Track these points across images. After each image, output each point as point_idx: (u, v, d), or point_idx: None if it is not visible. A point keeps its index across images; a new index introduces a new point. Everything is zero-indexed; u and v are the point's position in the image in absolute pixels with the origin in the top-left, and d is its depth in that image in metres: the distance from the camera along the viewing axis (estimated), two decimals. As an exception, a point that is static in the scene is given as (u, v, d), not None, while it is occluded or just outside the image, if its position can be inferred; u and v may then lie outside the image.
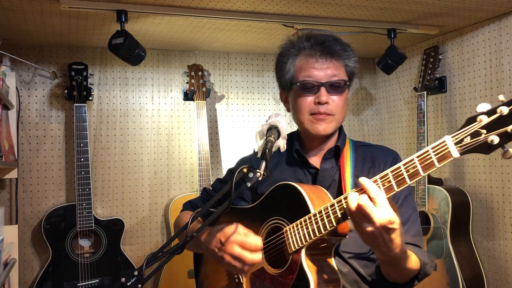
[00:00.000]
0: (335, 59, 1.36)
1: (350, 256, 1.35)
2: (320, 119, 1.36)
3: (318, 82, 1.34)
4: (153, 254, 1.10)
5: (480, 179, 2.58)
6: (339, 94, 1.36)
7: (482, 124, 0.93)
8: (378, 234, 1.03)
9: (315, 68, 1.35)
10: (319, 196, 1.27)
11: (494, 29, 2.48)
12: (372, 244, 1.10)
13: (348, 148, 1.46)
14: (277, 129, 1.25)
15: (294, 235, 1.22)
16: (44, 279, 2.46)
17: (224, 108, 3.11)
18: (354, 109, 3.43)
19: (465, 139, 0.96)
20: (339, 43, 1.38)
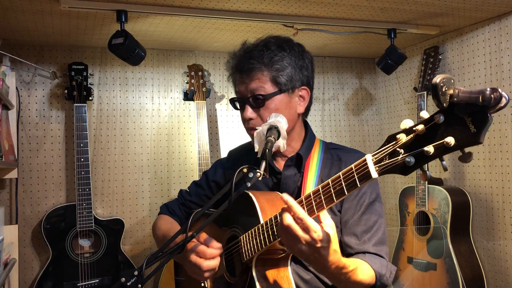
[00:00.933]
0: (253, 74, 1.35)
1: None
2: (250, 134, 1.39)
3: (242, 98, 1.39)
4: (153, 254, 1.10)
5: (480, 179, 2.58)
6: (262, 107, 1.35)
7: (400, 144, 0.86)
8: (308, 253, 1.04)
9: (240, 84, 1.41)
10: (274, 204, 1.27)
11: (494, 29, 2.48)
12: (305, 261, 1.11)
13: (317, 151, 1.44)
14: (277, 129, 1.25)
15: (247, 244, 1.24)
16: (44, 279, 2.46)
17: (224, 108, 3.11)
18: (354, 109, 3.43)
19: (384, 158, 0.89)
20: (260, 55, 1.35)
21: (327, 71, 3.37)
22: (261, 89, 1.35)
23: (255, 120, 1.37)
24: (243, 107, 1.40)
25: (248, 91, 1.37)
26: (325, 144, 1.48)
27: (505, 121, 2.42)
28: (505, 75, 2.42)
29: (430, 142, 0.82)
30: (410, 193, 2.74)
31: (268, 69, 1.35)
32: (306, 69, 1.41)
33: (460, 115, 0.78)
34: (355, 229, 1.31)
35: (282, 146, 1.24)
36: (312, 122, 3.30)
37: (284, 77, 1.36)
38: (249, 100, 1.37)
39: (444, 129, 0.80)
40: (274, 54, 1.36)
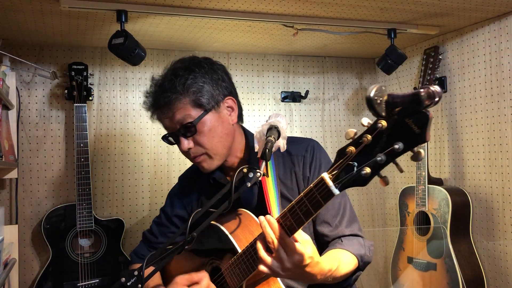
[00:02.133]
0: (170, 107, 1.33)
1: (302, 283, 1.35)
2: (197, 162, 1.39)
3: (172, 133, 1.38)
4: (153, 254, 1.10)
5: (480, 179, 2.58)
6: (195, 133, 1.34)
7: (351, 157, 0.87)
8: (293, 274, 1.04)
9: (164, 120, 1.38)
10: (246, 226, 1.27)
11: (494, 29, 2.48)
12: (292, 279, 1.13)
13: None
14: (277, 129, 1.25)
15: (231, 275, 1.25)
16: (44, 279, 2.46)
17: (224, 108, 3.10)
18: (354, 109, 3.43)
19: (341, 174, 0.90)
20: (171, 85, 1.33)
21: (327, 71, 3.37)
22: (187, 117, 1.33)
23: (194, 148, 1.36)
24: (177, 140, 1.38)
25: (176, 123, 1.35)
26: None
27: (505, 121, 2.42)
28: (505, 75, 2.42)
29: (380, 150, 0.83)
30: (410, 193, 2.74)
31: (184, 95, 1.33)
32: (223, 80, 1.41)
33: (401, 119, 0.79)
34: (324, 216, 1.33)
35: (282, 146, 1.24)
36: (312, 122, 3.30)
37: (205, 97, 1.34)
38: (180, 131, 1.35)
39: (389, 134, 0.81)
40: (185, 79, 1.34)
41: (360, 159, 0.86)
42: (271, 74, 3.22)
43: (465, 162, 2.67)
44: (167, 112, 1.34)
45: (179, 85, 1.32)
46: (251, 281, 1.23)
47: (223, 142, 1.39)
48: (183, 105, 1.33)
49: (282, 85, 3.25)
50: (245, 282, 1.22)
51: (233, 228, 1.27)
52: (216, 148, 1.38)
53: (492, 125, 2.50)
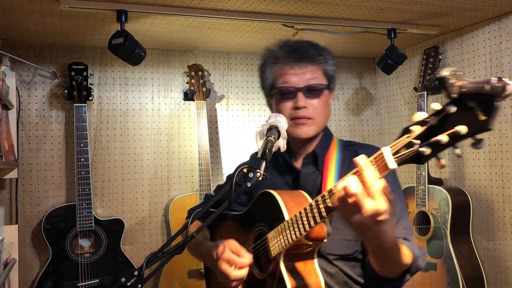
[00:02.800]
0: (311, 64, 1.39)
1: (336, 258, 1.36)
2: (301, 123, 1.39)
3: (295, 88, 1.38)
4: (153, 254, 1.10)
5: (480, 179, 2.58)
6: (317, 97, 1.39)
7: (415, 135, 0.90)
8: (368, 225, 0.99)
9: (291, 74, 1.39)
10: (298, 201, 1.29)
11: (494, 29, 2.48)
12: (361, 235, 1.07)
13: (335, 149, 1.46)
14: (277, 129, 1.25)
15: (274, 240, 1.27)
16: (44, 279, 2.46)
17: (224, 108, 3.11)
18: (354, 109, 3.43)
19: (402, 149, 0.93)
20: (314, 48, 1.41)
21: (327, 71, 3.36)
22: (317, 79, 1.39)
23: (307, 110, 1.38)
24: (292, 96, 1.39)
25: (303, 81, 1.38)
26: (343, 143, 1.51)
27: (505, 121, 2.42)
28: (505, 75, 2.42)
29: (443, 131, 0.86)
30: (410, 193, 2.74)
31: (324, 63, 1.40)
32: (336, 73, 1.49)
33: (469, 105, 0.82)
34: None
35: (282, 146, 1.24)
36: (312, 122, 3.30)
37: (333, 75, 1.43)
38: (303, 89, 1.38)
39: (455, 119, 0.84)
40: (327, 52, 1.42)
41: (422, 138, 0.90)
42: (271, 74, 3.22)
43: (465, 162, 2.67)
44: (304, 65, 1.38)
45: (323, 52, 1.41)
46: (290, 253, 1.25)
47: (325, 119, 1.45)
48: (319, 69, 1.40)
49: (282, 85, 3.25)
50: (284, 251, 1.24)
51: (286, 199, 1.29)
52: (322, 121, 1.43)
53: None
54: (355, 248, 1.37)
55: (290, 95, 1.39)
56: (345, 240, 1.35)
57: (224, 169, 3.06)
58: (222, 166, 3.06)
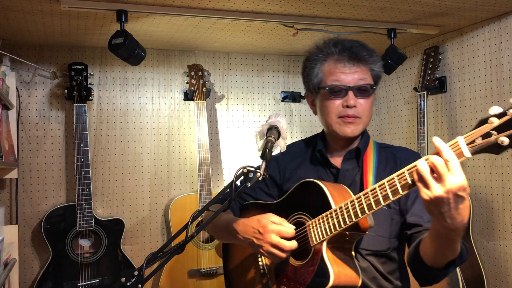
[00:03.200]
0: (362, 64, 1.41)
1: (369, 253, 1.38)
2: (349, 122, 1.41)
3: (346, 86, 1.39)
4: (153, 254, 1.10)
5: (480, 179, 2.58)
6: (366, 97, 1.41)
7: (493, 126, 0.95)
8: (447, 201, 1.00)
9: (343, 72, 1.40)
10: (341, 193, 1.32)
11: (494, 29, 2.48)
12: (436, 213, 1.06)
13: (372, 149, 1.49)
14: (277, 129, 1.25)
15: (316, 228, 1.29)
16: (44, 279, 2.46)
17: (224, 108, 3.11)
18: (354, 109, 3.43)
19: (477, 140, 0.98)
20: (365, 48, 1.42)
21: (327, 71, 3.36)
22: (367, 80, 1.41)
23: (357, 109, 1.40)
24: (342, 95, 1.40)
25: (354, 80, 1.39)
26: (377, 144, 1.54)
27: (505, 121, 2.42)
28: (505, 75, 2.42)
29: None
30: (410, 193, 2.73)
31: (374, 64, 1.43)
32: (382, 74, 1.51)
33: None
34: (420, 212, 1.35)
35: (282, 146, 1.25)
36: (312, 122, 3.30)
37: (379, 74, 1.46)
38: (353, 88, 1.39)
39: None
40: (374, 52, 1.44)
41: (500, 130, 0.94)
42: (271, 74, 3.22)
43: (465, 162, 2.67)
44: (355, 65, 1.40)
45: (373, 53, 1.43)
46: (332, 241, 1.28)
47: (370, 119, 1.48)
48: (371, 69, 1.43)
49: (282, 85, 3.25)
50: (326, 240, 1.27)
51: (331, 189, 1.31)
52: (368, 120, 1.45)
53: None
54: (388, 245, 1.39)
55: (340, 93, 1.40)
56: (379, 236, 1.38)
57: (224, 169, 3.06)
58: (222, 166, 3.06)
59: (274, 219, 1.32)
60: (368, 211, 1.16)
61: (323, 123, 1.49)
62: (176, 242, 1.14)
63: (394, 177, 1.10)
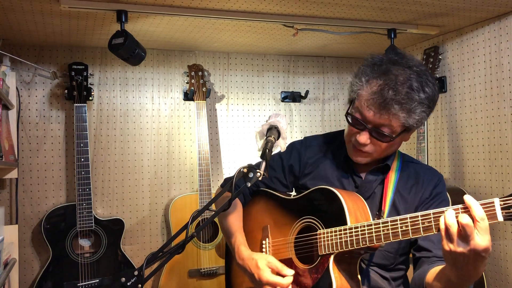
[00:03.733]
0: (390, 117, 1.28)
1: (372, 265, 1.38)
2: (357, 153, 1.38)
3: (364, 124, 1.31)
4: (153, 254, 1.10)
5: (480, 179, 2.58)
6: (381, 141, 1.32)
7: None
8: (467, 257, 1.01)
9: (367, 109, 1.29)
10: (358, 207, 1.31)
11: (494, 29, 2.48)
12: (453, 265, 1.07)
13: (396, 162, 1.46)
14: (277, 129, 1.25)
15: (327, 240, 1.28)
16: (44, 279, 2.46)
17: (224, 108, 3.11)
18: (354, 109, 3.43)
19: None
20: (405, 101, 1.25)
21: (327, 71, 3.37)
22: (390, 128, 1.29)
23: (368, 147, 1.34)
24: (360, 128, 1.33)
25: (375, 123, 1.29)
26: (402, 157, 1.50)
27: (505, 121, 2.42)
28: (505, 75, 2.42)
29: None
30: (410, 193, 2.74)
31: (406, 117, 1.27)
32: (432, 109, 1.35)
33: None
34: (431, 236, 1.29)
35: (282, 146, 1.24)
36: (312, 122, 3.30)
37: (416, 123, 1.31)
38: (371, 129, 1.31)
39: None
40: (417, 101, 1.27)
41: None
42: (271, 74, 3.22)
43: (465, 162, 2.67)
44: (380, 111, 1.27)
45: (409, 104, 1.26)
46: (339, 255, 1.28)
47: (388, 154, 1.41)
48: (397, 121, 1.28)
49: (282, 85, 3.25)
50: (335, 254, 1.27)
51: (349, 203, 1.30)
52: (382, 155, 1.39)
53: (492, 125, 2.49)
54: (393, 261, 1.39)
55: (358, 126, 1.34)
56: (386, 252, 1.38)
57: (224, 169, 3.06)
58: (222, 166, 3.06)
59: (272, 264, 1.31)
60: (384, 241, 1.17)
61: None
62: (176, 242, 1.14)
63: (418, 216, 1.10)
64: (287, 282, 1.27)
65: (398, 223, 1.14)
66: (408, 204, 1.41)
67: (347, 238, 1.23)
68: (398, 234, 1.14)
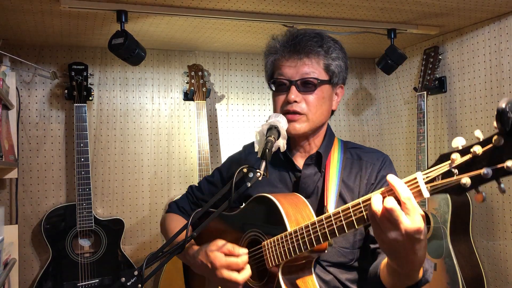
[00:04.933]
0: (308, 57, 1.31)
1: (330, 265, 1.33)
2: (291, 119, 1.32)
3: (288, 80, 1.32)
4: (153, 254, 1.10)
5: (480, 179, 2.58)
6: (310, 92, 1.31)
7: (454, 164, 0.85)
8: (402, 243, 0.94)
9: (287, 65, 1.32)
10: (298, 209, 1.25)
11: (494, 29, 2.48)
12: (391, 254, 1.01)
13: (336, 150, 1.42)
14: (277, 129, 1.25)
15: (272, 251, 1.22)
16: (44, 279, 2.46)
17: (224, 108, 3.11)
18: (354, 109, 3.43)
19: (437, 178, 0.87)
20: (317, 38, 1.32)
21: (327, 71, 3.36)
22: (314, 73, 1.32)
23: (299, 104, 1.31)
24: (286, 89, 1.33)
25: (298, 74, 1.31)
26: (343, 143, 1.46)
27: (505, 121, 2.42)
28: (505, 75, 2.42)
29: (487, 164, 0.80)
30: (410, 193, 2.73)
31: (324, 55, 1.32)
32: (347, 69, 1.41)
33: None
34: None
35: (282, 146, 1.24)
36: (312, 122, 3.30)
37: (336, 68, 1.35)
38: (297, 83, 1.31)
39: (503, 152, 0.79)
40: (332, 42, 1.35)
41: (463, 168, 0.83)
42: (271, 74, 3.22)
43: (465, 162, 2.67)
44: (298, 59, 1.31)
45: (325, 43, 1.33)
46: (288, 264, 1.21)
47: (322, 116, 1.36)
48: (317, 62, 1.32)
49: (282, 85, 3.25)
50: (283, 263, 1.20)
51: (287, 206, 1.23)
52: (317, 118, 1.35)
53: (492, 125, 2.50)
54: (351, 257, 1.34)
55: (284, 88, 1.33)
56: (342, 248, 1.33)
57: (224, 169, 3.06)
58: (222, 166, 3.06)
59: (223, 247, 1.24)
60: (323, 241, 1.10)
61: None
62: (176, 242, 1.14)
63: (349, 207, 1.02)
64: (242, 261, 1.21)
65: (332, 220, 1.07)
66: (354, 194, 1.34)
67: (289, 245, 1.16)
68: (334, 232, 1.06)
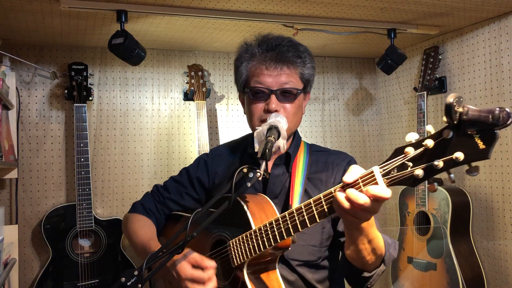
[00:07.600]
0: (287, 67, 1.34)
1: (299, 264, 1.34)
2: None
3: (269, 89, 1.34)
4: (153, 254, 1.10)
5: (480, 179, 2.58)
6: (290, 102, 1.35)
7: (408, 157, 0.90)
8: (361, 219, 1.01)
9: (266, 74, 1.34)
10: (263, 208, 1.27)
11: (494, 29, 2.48)
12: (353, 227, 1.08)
13: (302, 152, 1.45)
14: (277, 129, 1.25)
15: (237, 250, 1.23)
16: (44, 279, 2.46)
17: (224, 108, 3.11)
18: (354, 109, 3.43)
19: (392, 171, 0.92)
20: (294, 48, 1.36)
21: (327, 71, 3.37)
22: (293, 83, 1.35)
23: (279, 111, 1.34)
24: (265, 98, 1.35)
25: (278, 83, 1.33)
26: (309, 146, 1.49)
27: (505, 121, 2.42)
28: (505, 75, 2.42)
29: (438, 156, 0.86)
30: (410, 193, 2.74)
31: (302, 65, 1.36)
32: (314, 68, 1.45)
33: (469, 132, 0.81)
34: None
35: (282, 146, 1.24)
36: (312, 122, 3.30)
37: (310, 77, 1.40)
38: (277, 92, 1.33)
39: (452, 144, 0.84)
40: (305, 53, 1.38)
41: (416, 161, 0.89)
42: (271, 74, 3.22)
43: (465, 162, 2.67)
44: (280, 67, 1.33)
45: (303, 54, 1.36)
46: (254, 261, 1.23)
47: (298, 123, 1.42)
48: (295, 72, 1.36)
49: (282, 85, 3.25)
50: (248, 261, 1.22)
51: (252, 206, 1.26)
52: (293, 124, 1.39)
53: (492, 125, 2.50)
54: (318, 255, 1.36)
55: (263, 96, 1.35)
56: (310, 246, 1.34)
57: (224, 169, 3.06)
58: (222, 166, 3.06)
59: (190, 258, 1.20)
60: (286, 236, 1.12)
61: (249, 124, 1.43)
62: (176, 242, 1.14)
63: (311, 202, 1.06)
64: (208, 275, 1.17)
65: (295, 215, 1.09)
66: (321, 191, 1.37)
67: (254, 243, 1.18)
68: (297, 226, 1.09)
